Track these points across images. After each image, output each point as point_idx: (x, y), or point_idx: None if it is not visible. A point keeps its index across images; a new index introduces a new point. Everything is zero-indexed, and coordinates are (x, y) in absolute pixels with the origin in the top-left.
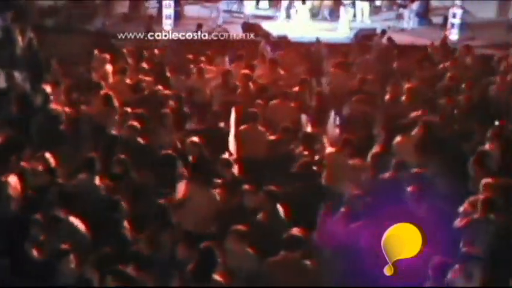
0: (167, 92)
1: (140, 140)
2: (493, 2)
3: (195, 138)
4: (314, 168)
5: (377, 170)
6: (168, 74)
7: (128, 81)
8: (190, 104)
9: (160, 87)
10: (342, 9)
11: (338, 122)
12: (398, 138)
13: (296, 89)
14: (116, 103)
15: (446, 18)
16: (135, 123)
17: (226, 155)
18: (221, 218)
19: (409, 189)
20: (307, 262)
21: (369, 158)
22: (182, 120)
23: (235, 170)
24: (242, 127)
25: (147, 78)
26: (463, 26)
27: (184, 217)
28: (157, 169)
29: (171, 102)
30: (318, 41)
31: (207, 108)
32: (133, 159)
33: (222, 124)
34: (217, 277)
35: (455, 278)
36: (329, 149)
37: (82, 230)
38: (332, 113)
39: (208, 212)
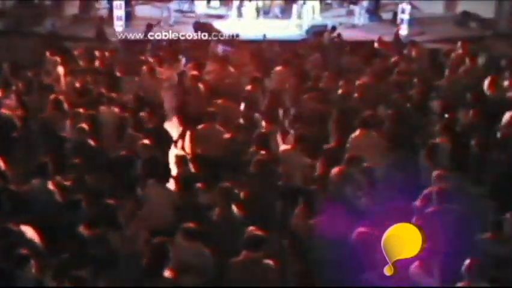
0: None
1: (90, 142)
2: None
3: (146, 141)
4: (270, 166)
5: (330, 165)
6: (118, 75)
7: (77, 84)
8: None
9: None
10: (294, 7)
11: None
12: (356, 133)
13: (249, 87)
14: (66, 106)
15: (395, 14)
16: (84, 126)
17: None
18: (178, 215)
19: (364, 183)
20: (269, 262)
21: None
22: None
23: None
24: (200, 126)
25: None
26: (412, 22)
27: (143, 215)
28: (114, 171)
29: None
30: (264, 38)
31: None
32: (86, 162)
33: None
34: (167, 273)
35: (415, 274)
36: (283, 146)
37: (35, 239)
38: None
39: (166, 209)
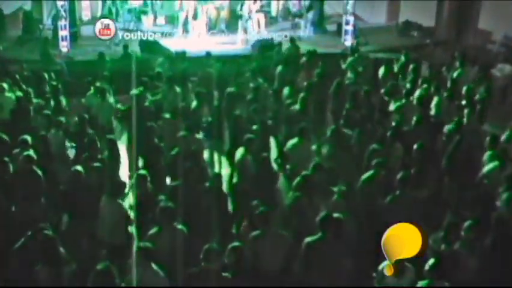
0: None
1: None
2: (382, 8)
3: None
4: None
5: None
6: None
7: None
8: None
9: None
10: (239, 21)
11: None
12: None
13: (194, 104)
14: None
15: (340, 26)
16: (31, 154)
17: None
18: None
19: None
20: (227, 274)
21: None
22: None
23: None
24: None
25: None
26: (356, 32)
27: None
28: None
29: None
30: (208, 54)
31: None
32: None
33: None
34: None
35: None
36: None
37: None
38: None
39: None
